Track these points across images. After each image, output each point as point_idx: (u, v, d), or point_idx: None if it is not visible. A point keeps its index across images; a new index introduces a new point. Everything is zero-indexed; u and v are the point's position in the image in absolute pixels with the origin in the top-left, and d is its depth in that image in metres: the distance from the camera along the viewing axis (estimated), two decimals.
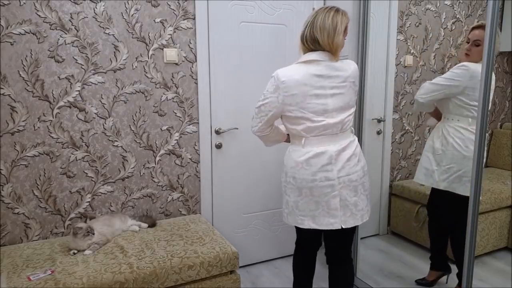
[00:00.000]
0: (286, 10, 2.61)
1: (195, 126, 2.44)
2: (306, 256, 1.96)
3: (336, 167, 1.65)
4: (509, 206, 2.81)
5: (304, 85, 1.61)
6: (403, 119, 2.90)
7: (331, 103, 1.64)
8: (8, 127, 1.98)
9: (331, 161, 1.65)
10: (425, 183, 2.25)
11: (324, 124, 1.65)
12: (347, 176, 1.66)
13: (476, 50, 2.06)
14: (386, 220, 3.18)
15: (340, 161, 1.66)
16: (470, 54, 2.07)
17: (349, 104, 1.69)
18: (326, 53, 1.64)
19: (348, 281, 1.86)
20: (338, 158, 1.66)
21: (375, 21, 2.55)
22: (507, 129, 3.50)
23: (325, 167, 1.65)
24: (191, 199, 2.50)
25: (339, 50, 1.66)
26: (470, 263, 1.83)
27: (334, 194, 1.66)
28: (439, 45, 2.97)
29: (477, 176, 1.74)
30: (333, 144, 1.67)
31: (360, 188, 1.71)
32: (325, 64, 1.64)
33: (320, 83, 1.63)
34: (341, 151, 1.67)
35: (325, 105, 1.64)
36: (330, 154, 1.65)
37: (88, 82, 2.12)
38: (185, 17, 2.32)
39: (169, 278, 1.78)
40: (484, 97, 1.65)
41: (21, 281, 1.62)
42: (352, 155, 1.68)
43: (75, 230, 1.86)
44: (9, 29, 1.92)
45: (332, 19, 1.62)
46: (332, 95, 1.64)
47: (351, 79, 1.68)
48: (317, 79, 1.62)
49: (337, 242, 1.81)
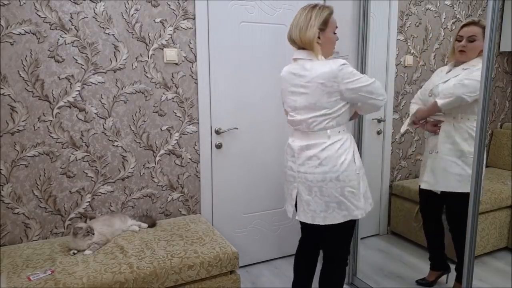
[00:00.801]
0: (286, 10, 2.61)
1: (195, 126, 2.44)
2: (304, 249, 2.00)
3: (297, 162, 1.74)
4: (509, 206, 2.81)
5: (285, 81, 1.77)
6: (403, 119, 2.90)
7: (299, 101, 1.71)
8: (8, 127, 1.98)
9: (294, 155, 1.76)
10: (466, 189, 1.93)
11: (294, 119, 1.76)
12: (304, 174, 1.72)
13: (471, 46, 2.04)
14: (386, 220, 3.18)
15: (301, 158, 1.72)
16: (466, 50, 2.05)
17: (315, 105, 1.65)
18: (305, 51, 1.69)
19: (329, 282, 1.85)
20: (300, 154, 1.73)
21: (375, 21, 2.55)
22: (507, 129, 3.50)
23: (291, 158, 1.79)
24: (191, 199, 2.50)
25: (314, 45, 1.66)
26: (470, 263, 1.83)
27: (294, 186, 1.78)
28: (439, 45, 2.97)
29: (477, 176, 1.74)
30: (299, 140, 1.75)
31: (315, 190, 1.69)
32: (301, 62, 1.70)
33: (294, 81, 1.72)
34: (304, 149, 1.72)
35: (295, 102, 1.73)
36: (293, 148, 1.76)
37: (88, 82, 2.12)
38: (185, 17, 2.32)
39: (169, 278, 1.78)
40: (484, 97, 1.65)
41: (21, 281, 1.62)
42: (313, 156, 1.69)
43: (75, 230, 1.86)
44: (9, 29, 1.92)
45: (306, 15, 1.66)
46: (300, 93, 1.70)
47: (319, 80, 1.61)
48: (293, 77, 1.72)
49: (317, 237, 1.91)
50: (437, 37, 3.13)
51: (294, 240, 2.89)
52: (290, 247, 2.89)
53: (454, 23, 3.19)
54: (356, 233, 2.42)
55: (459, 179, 2.08)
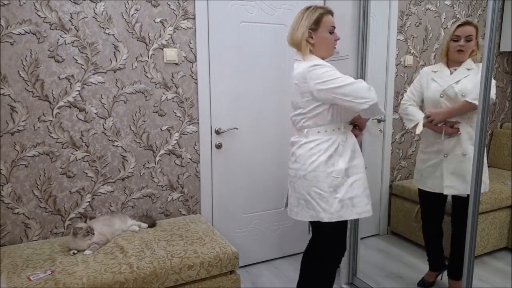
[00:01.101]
0: (286, 10, 2.61)
1: (195, 126, 2.44)
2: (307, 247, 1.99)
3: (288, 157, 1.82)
4: (509, 206, 2.81)
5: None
6: (403, 119, 2.90)
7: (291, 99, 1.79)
8: (8, 127, 1.98)
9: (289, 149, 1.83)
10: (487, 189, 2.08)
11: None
12: (288, 168, 1.81)
13: (468, 45, 2.06)
14: (386, 220, 3.18)
15: (289, 153, 1.81)
16: (465, 50, 2.06)
17: (294, 104, 1.74)
18: (298, 52, 1.73)
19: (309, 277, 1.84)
20: (289, 150, 1.80)
21: (375, 21, 2.55)
22: (507, 129, 3.50)
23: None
24: (191, 199, 2.50)
25: (302, 45, 1.68)
26: (470, 263, 1.83)
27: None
28: (439, 45, 2.97)
29: (477, 176, 1.74)
30: (292, 136, 1.81)
31: (292, 185, 1.77)
32: (296, 62, 1.74)
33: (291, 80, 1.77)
34: (290, 145, 1.80)
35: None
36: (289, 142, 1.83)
37: (88, 82, 2.12)
38: (185, 17, 2.32)
39: (169, 278, 1.78)
40: (484, 97, 1.65)
41: (21, 281, 1.62)
42: (292, 152, 1.76)
43: (75, 230, 1.86)
44: (9, 29, 1.92)
45: (299, 16, 1.70)
46: (291, 93, 1.76)
47: (295, 80, 1.68)
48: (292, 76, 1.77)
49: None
50: (437, 37, 3.13)
51: (294, 240, 2.90)
52: (290, 247, 2.89)
53: (454, 23, 3.19)
54: (356, 233, 2.42)
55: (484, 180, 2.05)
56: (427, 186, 2.22)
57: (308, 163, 1.67)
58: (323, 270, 1.81)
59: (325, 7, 1.71)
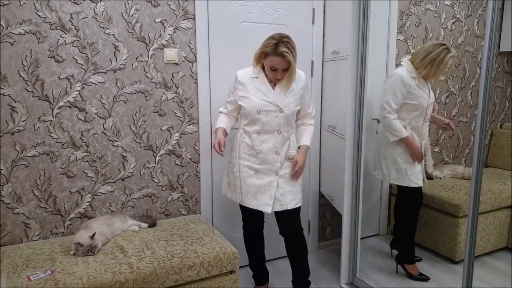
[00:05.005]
0: (286, 10, 2.61)
1: (195, 126, 2.44)
2: None
3: None
4: (509, 206, 2.81)
5: None
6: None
7: None
8: (8, 127, 1.98)
9: None
10: None
11: None
12: None
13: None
14: (386, 220, 3.18)
15: None
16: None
17: None
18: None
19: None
20: None
21: (375, 21, 2.55)
22: (507, 129, 3.50)
23: None
24: (191, 199, 2.50)
25: (255, 59, 2.04)
26: (470, 263, 1.83)
27: None
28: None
29: (477, 176, 1.74)
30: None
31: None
32: None
33: None
34: None
35: None
36: None
37: (88, 82, 2.12)
38: (185, 17, 2.32)
39: (169, 278, 1.78)
40: (484, 97, 1.66)
41: (21, 281, 1.62)
42: None
43: (76, 247, 1.82)
44: (9, 29, 1.92)
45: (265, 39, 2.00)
46: None
47: None
48: None
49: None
50: (437, 37, 3.13)
51: None
52: None
53: (454, 23, 3.19)
54: (356, 233, 2.42)
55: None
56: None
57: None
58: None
59: (277, 49, 1.84)
